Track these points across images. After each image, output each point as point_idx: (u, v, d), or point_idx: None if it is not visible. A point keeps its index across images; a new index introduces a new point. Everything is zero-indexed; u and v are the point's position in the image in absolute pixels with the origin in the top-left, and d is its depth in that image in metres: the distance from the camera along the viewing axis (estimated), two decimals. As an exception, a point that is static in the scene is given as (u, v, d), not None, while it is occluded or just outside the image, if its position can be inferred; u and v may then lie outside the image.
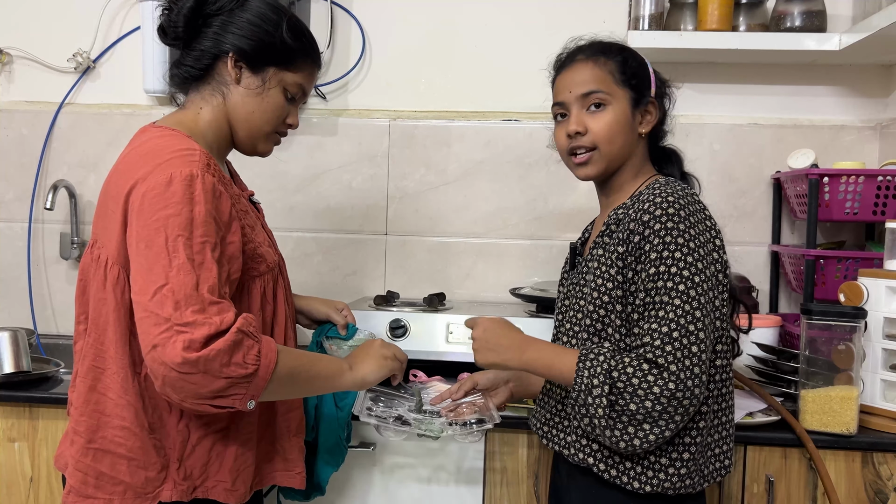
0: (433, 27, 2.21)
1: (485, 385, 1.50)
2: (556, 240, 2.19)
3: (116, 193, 1.19)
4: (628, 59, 1.33)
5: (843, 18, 2.05)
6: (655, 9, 2.00)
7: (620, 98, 1.31)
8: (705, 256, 1.20)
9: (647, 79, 1.34)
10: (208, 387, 1.07)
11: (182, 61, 1.31)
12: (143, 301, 1.09)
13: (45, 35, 2.27)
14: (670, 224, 1.20)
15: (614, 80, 1.31)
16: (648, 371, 1.15)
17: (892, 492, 1.50)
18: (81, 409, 1.22)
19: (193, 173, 1.15)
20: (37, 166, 2.27)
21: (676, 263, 1.18)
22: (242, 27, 1.28)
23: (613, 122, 1.30)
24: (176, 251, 1.10)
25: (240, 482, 1.25)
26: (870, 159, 2.09)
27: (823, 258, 1.85)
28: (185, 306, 1.07)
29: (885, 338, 1.57)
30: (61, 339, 2.19)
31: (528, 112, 2.17)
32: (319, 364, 1.27)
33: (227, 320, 1.09)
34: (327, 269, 2.25)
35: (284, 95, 1.32)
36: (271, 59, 1.30)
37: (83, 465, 1.21)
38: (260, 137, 1.34)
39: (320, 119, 2.23)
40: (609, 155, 1.31)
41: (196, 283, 1.09)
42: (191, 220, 1.12)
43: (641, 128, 1.33)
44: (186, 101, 1.33)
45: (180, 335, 1.06)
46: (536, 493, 1.58)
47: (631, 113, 1.32)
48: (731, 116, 2.14)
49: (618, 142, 1.31)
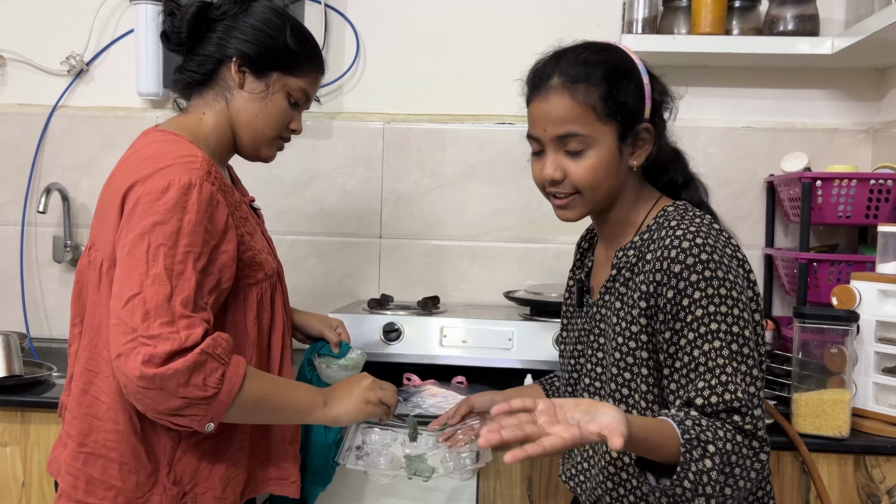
0: (427, 30, 2.21)
1: (481, 407, 1.41)
2: (551, 243, 2.19)
3: (115, 194, 1.19)
4: (614, 82, 1.13)
5: (835, 22, 2.05)
6: (649, 12, 2.00)
7: (604, 135, 1.13)
8: (746, 302, 1.11)
9: (640, 99, 1.15)
10: (165, 404, 1.07)
11: (185, 66, 1.31)
12: (115, 307, 1.09)
13: (39, 37, 2.26)
14: (708, 273, 1.08)
15: (596, 115, 1.13)
16: (746, 444, 1.06)
17: (885, 495, 1.51)
18: (74, 412, 1.22)
19: (192, 182, 1.14)
20: (30, 169, 2.26)
21: (725, 320, 1.07)
22: (246, 32, 1.28)
23: (596, 166, 1.14)
24: (155, 260, 1.09)
25: (230, 490, 1.25)
26: (862, 163, 2.09)
27: (816, 261, 1.85)
28: (154, 318, 1.06)
29: (878, 341, 1.57)
30: (54, 343, 2.18)
31: (523, 115, 2.14)
32: (292, 395, 1.23)
33: (194, 336, 1.07)
34: (321, 272, 2.24)
35: (288, 100, 1.32)
36: (275, 64, 1.30)
37: (74, 470, 1.20)
38: (263, 142, 1.34)
39: (314, 122, 2.23)
40: (594, 199, 1.17)
41: (169, 295, 1.08)
42: (178, 230, 1.11)
43: (633, 160, 1.17)
44: (189, 106, 1.33)
45: (143, 347, 1.05)
46: (530, 497, 1.58)
47: (618, 149, 1.15)
48: (725, 120, 2.15)
49: (604, 185, 1.16)
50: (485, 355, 1.77)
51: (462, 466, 1.41)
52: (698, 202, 1.25)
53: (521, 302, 1.94)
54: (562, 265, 1.34)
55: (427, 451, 1.46)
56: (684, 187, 1.26)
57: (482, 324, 1.80)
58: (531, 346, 1.74)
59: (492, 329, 1.78)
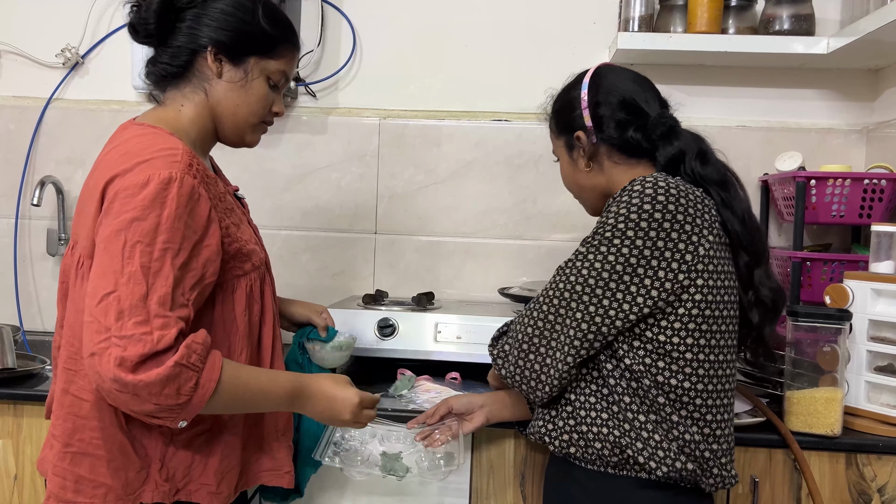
0: (424, 26, 2.21)
1: (459, 409, 1.47)
2: (545, 240, 2.20)
3: (94, 189, 1.16)
4: (558, 106, 1.40)
5: (831, 22, 2.06)
6: (645, 11, 2.01)
7: (560, 147, 1.40)
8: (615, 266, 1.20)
9: (577, 111, 1.34)
10: (138, 407, 1.05)
11: (158, 59, 1.27)
12: (90, 305, 1.07)
13: (34, 30, 2.25)
14: (612, 221, 1.21)
15: (555, 134, 1.41)
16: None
17: (876, 493, 1.51)
18: (57, 412, 1.20)
19: (172, 176, 1.11)
20: (24, 162, 2.26)
21: (587, 254, 1.23)
22: (218, 19, 1.24)
23: (564, 172, 1.42)
24: (131, 258, 1.07)
25: (224, 485, 1.23)
26: (856, 163, 2.10)
27: (810, 260, 1.86)
28: (129, 317, 1.04)
29: (870, 340, 1.58)
30: (47, 336, 2.17)
31: (518, 112, 2.18)
32: (269, 387, 1.20)
33: (168, 338, 1.05)
34: (316, 267, 2.24)
35: (268, 84, 1.29)
36: (251, 49, 1.26)
37: (61, 470, 1.18)
38: (247, 130, 1.32)
39: (310, 117, 2.22)
40: (580, 198, 1.43)
41: (145, 294, 1.06)
42: (156, 226, 1.09)
43: (580, 161, 1.36)
44: (166, 99, 1.29)
45: (115, 348, 1.03)
46: (523, 493, 1.59)
47: (569, 156, 1.38)
48: (720, 119, 2.15)
49: (574, 187, 1.41)
50: (479, 351, 1.76)
51: (436, 467, 1.43)
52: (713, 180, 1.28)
53: (516, 298, 1.95)
54: (555, 262, 1.34)
55: (404, 449, 1.48)
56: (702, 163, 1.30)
57: (476, 320, 1.80)
58: (525, 342, 1.74)
59: (486, 325, 1.78)
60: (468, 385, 1.77)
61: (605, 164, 1.34)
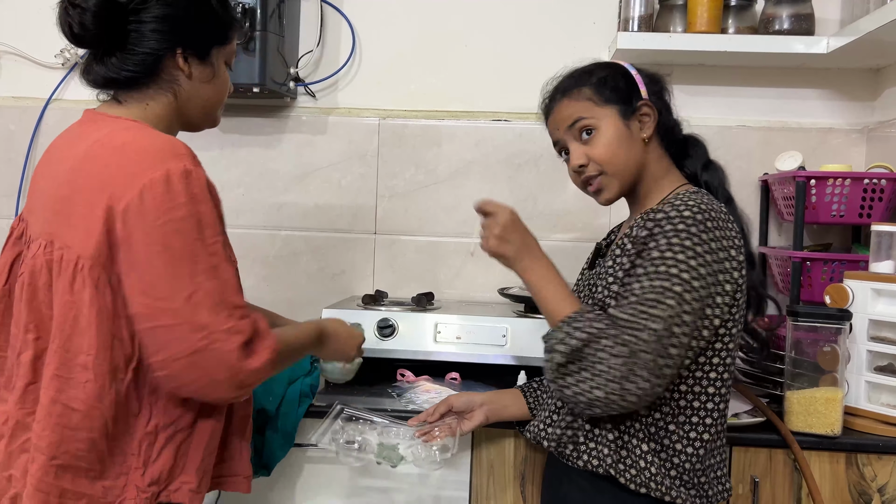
0: (424, 26, 2.21)
1: (459, 408, 1.48)
2: (546, 240, 2.14)
3: (88, 188, 1.12)
4: (602, 76, 1.32)
5: (831, 22, 2.06)
6: (645, 10, 2.00)
7: (607, 115, 1.30)
8: (711, 264, 1.18)
9: (632, 84, 1.31)
10: (246, 390, 1.13)
11: (123, 66, 1.19)
12: (171, 307, 1.06)
13: (34, 31, 2.25)
14: (682, 226, 1.17)
15: (595, 103, 1.30)
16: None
17: (876, 493, 1.51)
18: (43, 422, 1.11)
19: (187, 168, 1.10)
20: (24, 163, 2.26)
21: (678, 265, 1.16)
22: (180, 19, 1.20)
23: (609, 140, 1.29)
24: (198, 255, 1.09)
25: (203, 483, 1.21)
26: (856, 162, 2.10)
27: (810, 260, 1.86)
28: (220, 311, 1.08)
29: (870, 340, 1.58)
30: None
31: (519, 112, 2.18)
32: (303, 342, 1.32)
33: (252, 323, 1.11)
34: (315, 267, 2.24)
35: (227, 68, 1.31)
36: (213, 41, 1.26)
37: (45, 485, 1.10)
38: (215, 115, 1.33)
39: (310, 117, 2.22)
40: (618, 173, 1.30)
41: (222, 288, 1.10)
42: (200, 221, 1.10)
43: (643, 133, 1.31)
44: (126, 97, 1.23)
45: (224, 343, 1.07)
46: (523, 493, 1.59)
47: (624, 124, 1.30)
48: (720, 118, 2.15)
49: (621, 157, 1.29)
50: (479, 352, 1.77)
51: (430, 457, 1.43)
52: (717, 184, 1.35)
53: (516, 299, 1.95)
54: (556, 262, 1.34)
55: (401, 441, 1.48)
56: (705, 169, 1.37)
57: (476, 320, 1.80)
58: (525, 342, 1.74)
59: (486, 326, 1.78)
60: (468, 385, 1.77)
61: (655, 148, 1.33)
